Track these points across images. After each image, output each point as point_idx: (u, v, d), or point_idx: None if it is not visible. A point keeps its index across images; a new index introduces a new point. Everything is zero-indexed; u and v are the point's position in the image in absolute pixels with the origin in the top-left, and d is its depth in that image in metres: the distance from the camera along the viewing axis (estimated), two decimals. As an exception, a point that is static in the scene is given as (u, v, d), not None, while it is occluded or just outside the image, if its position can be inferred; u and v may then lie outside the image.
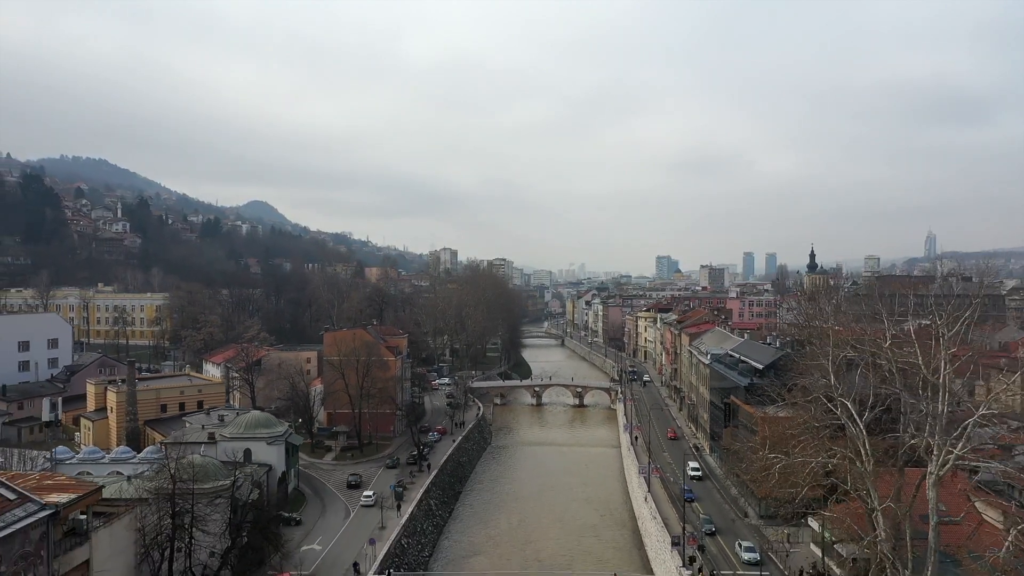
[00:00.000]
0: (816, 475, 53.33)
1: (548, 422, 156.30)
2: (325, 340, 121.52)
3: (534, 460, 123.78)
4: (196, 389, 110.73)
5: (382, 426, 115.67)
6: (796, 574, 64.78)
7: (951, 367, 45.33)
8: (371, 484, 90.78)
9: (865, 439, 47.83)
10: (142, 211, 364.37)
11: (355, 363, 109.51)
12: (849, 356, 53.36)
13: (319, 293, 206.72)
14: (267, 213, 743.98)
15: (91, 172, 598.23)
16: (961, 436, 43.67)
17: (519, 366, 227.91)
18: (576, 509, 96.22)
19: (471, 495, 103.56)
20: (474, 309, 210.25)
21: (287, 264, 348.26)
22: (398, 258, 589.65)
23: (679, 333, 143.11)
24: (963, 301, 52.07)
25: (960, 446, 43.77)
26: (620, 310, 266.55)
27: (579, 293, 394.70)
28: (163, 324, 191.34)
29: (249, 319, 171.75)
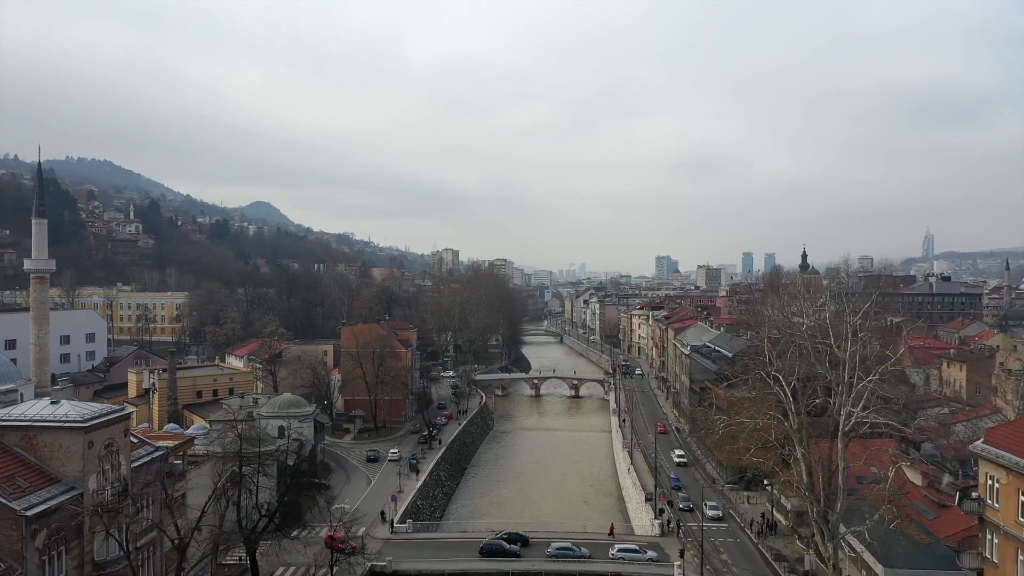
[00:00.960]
0: (760, 437, 66.21)
1: (546, 411, 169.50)
2: (343, 333, 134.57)
3: (533, 443, 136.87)
4: (227, 377, 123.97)
5: (395, 411, 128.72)
6: (749, 523, 77.86)
7: (855, 346, 58.13)
8: (388, 457, 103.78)
9: (791, 402, 60.89)
10: (153, 213, 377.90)
11: (371, 354, 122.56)
12: (775, 338, 66.26)
13: (331, 292, 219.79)
14: (271, 214, 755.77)
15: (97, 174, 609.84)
16: (859, 398, 56.68)
17: (519, 361, 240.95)
18: (570, 482, 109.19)
19: (475, 470, 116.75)
20: (476, 307, 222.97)
21: (294, 264, 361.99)
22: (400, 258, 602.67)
23: (666, 328, 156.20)
24: (866, 295, 65.06)
25: (860, 406, 56.82)
26: (616, 308, 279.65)
27: (577, 292, 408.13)
28: (183, 321, 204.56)
29: (266, 316, 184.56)
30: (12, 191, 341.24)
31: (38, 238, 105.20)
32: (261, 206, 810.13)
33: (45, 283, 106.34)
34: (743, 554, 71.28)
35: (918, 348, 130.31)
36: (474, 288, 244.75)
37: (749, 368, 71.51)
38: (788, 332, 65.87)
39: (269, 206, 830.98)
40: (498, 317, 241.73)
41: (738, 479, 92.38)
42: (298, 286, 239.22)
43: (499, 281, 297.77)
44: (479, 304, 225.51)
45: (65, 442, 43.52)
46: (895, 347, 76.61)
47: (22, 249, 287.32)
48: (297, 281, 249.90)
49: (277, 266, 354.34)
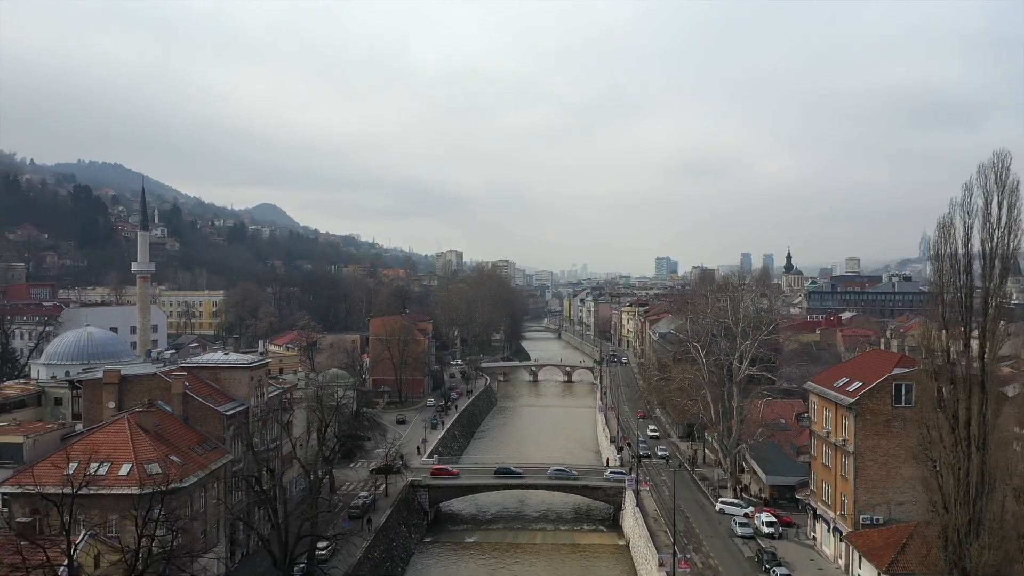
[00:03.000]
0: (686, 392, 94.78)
1: (542, 393, 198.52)
2: (372, 324, 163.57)
3: (530, 416, 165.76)
4: (278, 359, 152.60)
5: (415, 388, 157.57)
6: (687, 460, 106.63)
7: (745, 323, 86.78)
8: (413, 421, 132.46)
9: (703, 360, 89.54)
10: (175, 217, 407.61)
11: (396, 340, 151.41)
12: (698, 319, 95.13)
13: (351, 291, 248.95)
14: (277, 216, 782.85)
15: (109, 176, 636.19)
16: (745, 356, 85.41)
17: (519, 353, 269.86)
18: (559, 441, 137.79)
19: (482, 433, 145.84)
20: (481, 305, 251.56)
21: (308, 265, 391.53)
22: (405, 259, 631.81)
23: (644, 320, 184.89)
24: (746, 288, 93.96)
25: (745, 364, 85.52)
26: (609, 306, 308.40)
27: (575, 292, 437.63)
28: (221, 317, 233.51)
29: (297, 311, 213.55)
30: (47, 197, 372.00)
31: (142, 247, 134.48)
32: (267, 208, 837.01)
33: (147, 281, 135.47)
34: (678, 477, 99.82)
35: (853, 334, 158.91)
36: (478, 287, 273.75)
37: (685, 343, 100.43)
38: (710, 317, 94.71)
39: (275, 208, 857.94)
40: (501, 314, 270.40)
41: (686, 433, 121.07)
42: (320, 285, 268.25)
43: (501, 281, 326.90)
44: (483, 302, 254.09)
45: (238, 376, 72.45)
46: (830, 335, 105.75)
47: (60, 251, 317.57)
48: (319, 281, 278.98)
49: (293, 267, 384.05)
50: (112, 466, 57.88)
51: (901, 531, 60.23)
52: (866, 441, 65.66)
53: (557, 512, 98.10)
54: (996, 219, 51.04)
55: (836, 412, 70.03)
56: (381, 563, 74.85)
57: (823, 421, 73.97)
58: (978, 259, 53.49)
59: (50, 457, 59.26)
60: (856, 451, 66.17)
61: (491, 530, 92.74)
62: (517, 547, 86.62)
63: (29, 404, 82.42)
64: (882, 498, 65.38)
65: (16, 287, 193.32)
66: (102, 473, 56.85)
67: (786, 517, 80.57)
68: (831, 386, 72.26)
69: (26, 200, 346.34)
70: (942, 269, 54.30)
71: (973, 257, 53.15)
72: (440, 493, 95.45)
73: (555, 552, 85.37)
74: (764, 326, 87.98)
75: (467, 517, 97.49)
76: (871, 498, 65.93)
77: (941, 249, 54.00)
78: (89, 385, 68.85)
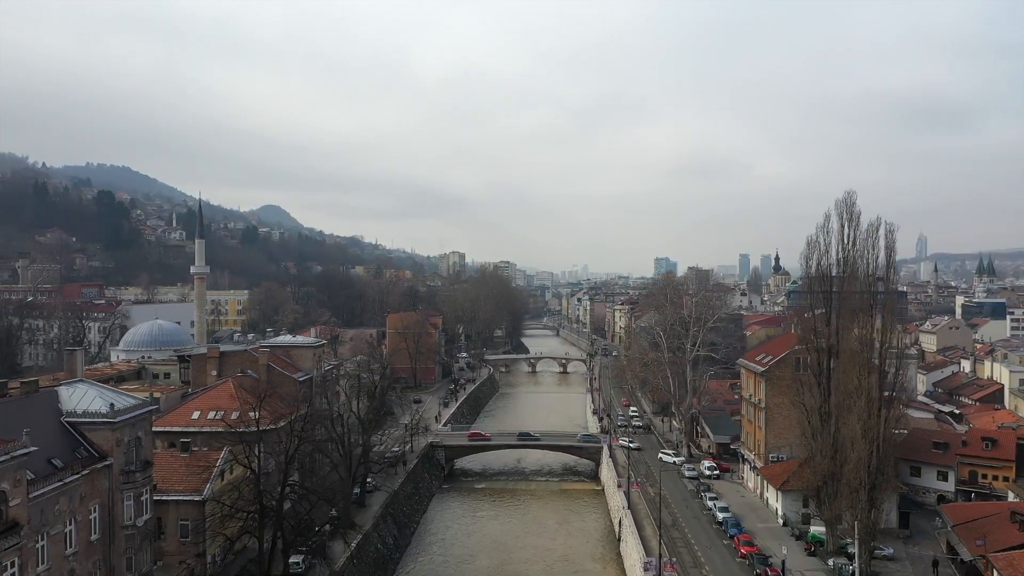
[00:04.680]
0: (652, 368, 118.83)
1: (540, 382, 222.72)
2: (390, 319, 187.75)
3: (528, 400, 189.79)
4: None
5: (428, 375, 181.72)
6: (657, 429, 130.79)
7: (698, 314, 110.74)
8: (427, 401, 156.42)
9: (664, 344, 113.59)
10: (192, 220, 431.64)
11: (412, 333, 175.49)
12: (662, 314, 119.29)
13: (365, 290, 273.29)
14: (282, 217, 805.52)
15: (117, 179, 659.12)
16: (696, 339, 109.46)
17: (519, 349, 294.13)
18: (553, 419, 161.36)
19: (486, 413, 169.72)
20: (484, 304, 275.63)
21: (318, 266, 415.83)
22: (407, 260, 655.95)
23: (631, 316, 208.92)
24: (693, 292, 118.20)
25: (698, 343, 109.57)
26: (604, 305, 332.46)
27: (573, 292, 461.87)
28: (247, 314, 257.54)
29: (318, 308, 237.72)
30: (72, 202, 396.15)
31: (199, 252, 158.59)
32: (272, 209, 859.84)
33: (203, 282, 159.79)
34: (648, 440, 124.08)
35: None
36: (482, 287, 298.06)
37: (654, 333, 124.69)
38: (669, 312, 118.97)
39: (279, 209, 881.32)
40: (502, 312, 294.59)
41: (660, 410, 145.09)
42: (336, 285, 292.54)
43: (503, 282, 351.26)
44: (486, 301, 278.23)
45: (304, 353, 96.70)
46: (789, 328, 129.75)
47: (88, 253, 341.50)
48: (334, 281, 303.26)
49: (304, 268, 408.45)
50: (225, 413, 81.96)
51: (793, 463, 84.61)
52: (774, 399, 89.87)
53: (550, 468, 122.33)
54: (847, 238, 75.40)
55: (755, 379, 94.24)
56: (411, 496, 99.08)
57: (747, 387, 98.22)
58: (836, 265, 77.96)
59: (176, 409, 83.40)
60: (766, 407, 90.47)
61: (496, 480, 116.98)
62: (516, 492, 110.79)
63: (128, 378, 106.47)
64: (784, 441, 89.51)
65: (70, 287, 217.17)
66: (219, 418, 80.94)
67: (725, 464, 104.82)
68: (753, 360, 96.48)
69: (53, 205, 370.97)
70: (810, 271, 78.82)
71: (832, 263, 77.61)
72: (454, 451, 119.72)
73: (546, 495, 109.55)
74: (708, 318, 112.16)
75: (476, 471, 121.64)
76: (777, 441, 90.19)
77: (810, 258, 78.59)
78: (197, 359, 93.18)
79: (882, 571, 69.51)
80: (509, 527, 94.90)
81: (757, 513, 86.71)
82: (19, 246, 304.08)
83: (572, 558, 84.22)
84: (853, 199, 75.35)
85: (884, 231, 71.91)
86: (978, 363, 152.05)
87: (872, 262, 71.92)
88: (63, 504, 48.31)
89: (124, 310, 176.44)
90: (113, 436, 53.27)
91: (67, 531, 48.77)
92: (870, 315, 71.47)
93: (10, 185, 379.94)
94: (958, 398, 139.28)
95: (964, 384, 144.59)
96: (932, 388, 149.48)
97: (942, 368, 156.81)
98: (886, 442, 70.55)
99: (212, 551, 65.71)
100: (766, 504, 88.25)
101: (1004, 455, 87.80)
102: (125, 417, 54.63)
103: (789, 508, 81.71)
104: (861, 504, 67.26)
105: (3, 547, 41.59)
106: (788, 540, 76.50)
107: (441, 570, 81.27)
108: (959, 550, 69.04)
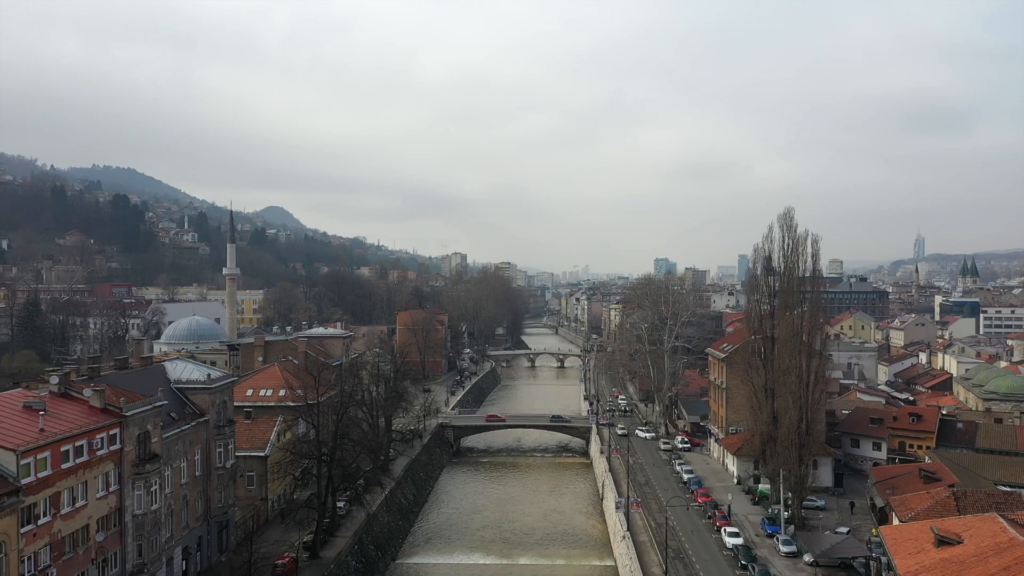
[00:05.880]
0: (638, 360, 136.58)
1: (538, 375, 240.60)
2: (400, 316, 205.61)
3: (528, 391, 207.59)
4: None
5: (435, 367, 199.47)
6: (647, 413, 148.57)
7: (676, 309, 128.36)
8: (436, 390, 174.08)
9: (645, 337, 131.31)
10: (202, 223, 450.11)
11: (420, 329, 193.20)
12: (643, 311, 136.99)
13: (375, 290, 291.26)
14: (286, 218, 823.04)
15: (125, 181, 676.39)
16: (672, 331, 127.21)
17: (519, 345, 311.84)
18: (551, 406, 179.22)
19: (490, 401, 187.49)
20: (486, 303, 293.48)
21: (324, 267, 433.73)
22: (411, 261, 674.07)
23: (623, 314, 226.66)
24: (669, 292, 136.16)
25: (674, 336, 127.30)
26: (600, 304, 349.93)
27: (571, 292, 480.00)
28: (262, 313, 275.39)
29: (332, 307, 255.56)
30: (87, 205, 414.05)
31: (231, 256, 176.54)
32: (276, 210, 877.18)
33: (234, 283, 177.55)
34: (632, 422, 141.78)
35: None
36: (484, 288, 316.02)
37: (638, 328, 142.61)
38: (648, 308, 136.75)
39: (283, 210, 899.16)
40: (503, 311, 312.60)
41: (646, 398, 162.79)
42: (345, 285, 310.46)
43: (504, 282, 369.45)
44: (488, 301, 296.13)
45: (335, 343, 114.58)
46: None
47: (107, 255, 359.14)
48: (344, 282, 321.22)
49: (312, 269, 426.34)
50: (273, 391, 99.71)
51: (748, 434, 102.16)
52: (732, 381, 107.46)
53: (545, 445, 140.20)
54: (786, 246, 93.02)
55: (718, 365, 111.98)
56: (426, 465, 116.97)
57: (713, 372, 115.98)
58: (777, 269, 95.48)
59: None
60: (727, 388, 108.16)
61: (498, 456, 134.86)
62: (517, 465, 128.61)
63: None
64: (741, 416, 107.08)
65: (102, 286, 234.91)
66: (269, 395, 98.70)
67: (696, 440, 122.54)
68: (718, 349, 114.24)
69: (71, 208, 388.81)
70: (756, 272, 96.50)
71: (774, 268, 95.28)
72: (461, 431, 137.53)
73: (543, 467, 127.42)
74: (682, 315, 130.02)
75: (481, 448, 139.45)
76: (735, 417, 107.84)
77: (756, 261, 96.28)
78: (245, 347, 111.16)
79: (811, 517, 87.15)
80: (510, 490, 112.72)
81: (717, 476, 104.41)
82: (41, 248, 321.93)
83: (563, 511, 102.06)
84: (792, 214, 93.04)
85: (811, 241, 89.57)
86: (933, 356, 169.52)
87: (802, 266, 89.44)
88: (179, 446, 66.10)
89: (158, 307, 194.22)
90: (210, 398, 71.05)
91: (182, 466, 66.55)
92: (800, 309, 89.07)
93: (29, 189, 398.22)
94: (914, 386, 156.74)
95: (920, 374, 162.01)
96: (893, 378, 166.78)
97: (902, 360, 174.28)
98: (812, 411, 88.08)
99: (273, 494, 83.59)
100: (725, 468, 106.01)
101: (927, 428, 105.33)
102: (217, 384, 72.43)
103: (742, 469, 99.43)
104: (792, 461, 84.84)
105: (150, 470, 59.44)
106: (739, 494, 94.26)
107: (455, 518, 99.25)
108: (876, 500, 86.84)
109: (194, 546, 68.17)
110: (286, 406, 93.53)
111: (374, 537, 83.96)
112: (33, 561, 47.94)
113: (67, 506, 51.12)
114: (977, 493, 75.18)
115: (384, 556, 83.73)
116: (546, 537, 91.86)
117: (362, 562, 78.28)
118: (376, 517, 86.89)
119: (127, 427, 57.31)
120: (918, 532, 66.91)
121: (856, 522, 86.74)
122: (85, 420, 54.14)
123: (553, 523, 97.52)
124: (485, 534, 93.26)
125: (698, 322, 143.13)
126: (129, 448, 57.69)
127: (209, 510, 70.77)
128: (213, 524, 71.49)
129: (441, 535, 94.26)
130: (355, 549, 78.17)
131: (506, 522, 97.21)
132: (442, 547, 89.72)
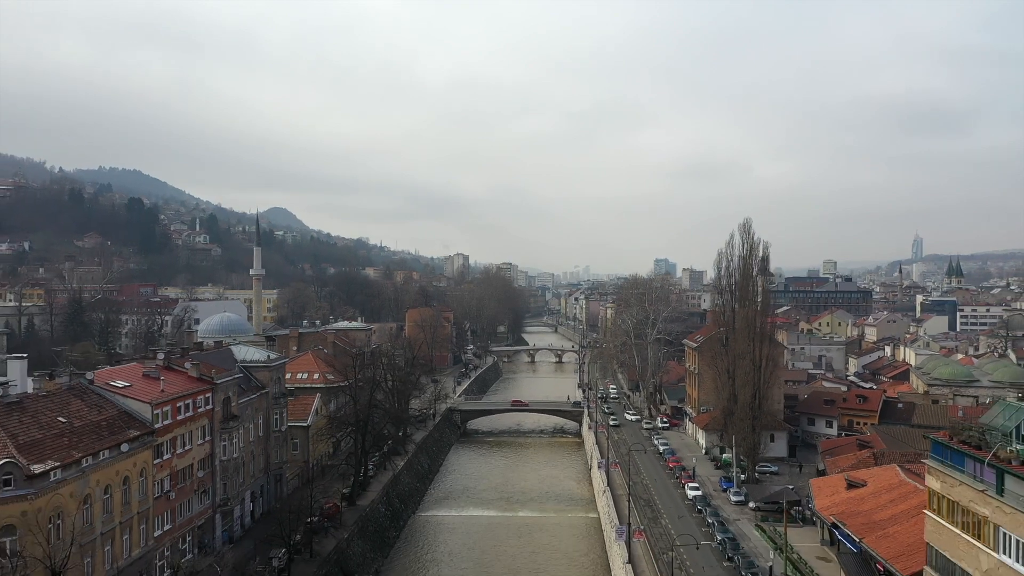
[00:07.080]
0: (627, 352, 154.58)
1: (538, 369, 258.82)
2: (409, 314, 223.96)
3: (527, 383, 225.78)
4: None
5: (442, 361, 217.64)
6: (637, 401, 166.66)
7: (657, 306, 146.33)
8: (443, 381, 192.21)
9: (632, 331, 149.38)
10: (213, 224, 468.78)
11: (428, 325, 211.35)
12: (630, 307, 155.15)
13: (382, 290, 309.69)
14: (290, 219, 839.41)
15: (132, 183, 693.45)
16: (655, 325, 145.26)
17: (520, 343, 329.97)
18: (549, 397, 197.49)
19: (492, 390, 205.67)
20: (488, 302, 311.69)
21: (331, 268, 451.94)
22: (414, 261, 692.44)
23: (616, 309, 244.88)
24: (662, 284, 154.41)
25: (656, 329, 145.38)
26: (597, 303, 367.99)
27: (571, 291, 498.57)
28: (276, 311, 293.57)
29: (343, 305, 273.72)
30: (103, 208, 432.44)
31: (257, 257, 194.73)
32: (279, 211, 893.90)
33: (260, 282, 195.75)
34: (620, 406, 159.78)
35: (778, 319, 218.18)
36: (486, 288, 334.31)
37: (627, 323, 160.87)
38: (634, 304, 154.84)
39: (286, 211, 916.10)
40: (505, 310, 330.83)
41: (634, 388, 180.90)
42: (354, 285, 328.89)
43: (505, 283, 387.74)
44: (490, 300, 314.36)
45: (359, 335, 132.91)
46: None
47: (124, 256, 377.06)
48: (352, 282, 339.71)
49: (319, 269, 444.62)
50: (308, 375, 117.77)
51: (715, 412, 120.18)
52: (703, 367, 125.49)
53: (543, 428, 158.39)
54: (745, 251, 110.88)
55: (692, 354, 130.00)
56: (438, 441, 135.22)
57: (688, 360, 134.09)
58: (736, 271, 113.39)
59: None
60: (699, 372, 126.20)
61: (501, 436, 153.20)
62: (517, 444, 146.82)
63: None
64: (711, 397, 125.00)
65: (129, 286, 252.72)
66: (305, 377, 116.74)
67: (676, 421, 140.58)
68: (693, 340, 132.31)
69: (88, 211, 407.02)
70: (720, 273, 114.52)
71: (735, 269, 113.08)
72: (467, 415, 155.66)
73: (541, 446, 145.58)
74: (663, 311, 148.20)
75: (485, 431, 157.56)
76: (706, 398, 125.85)
77: (720, 264, 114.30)
78: (281, 338, 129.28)
79: (764, 479, 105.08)
80: (511, 463, 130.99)
81: (689, 448, 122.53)
82: (62, 250, 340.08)
83: (557, 478, 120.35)
84: (750, 224, 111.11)
85: (763, 246, 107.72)
86: (896, 349, 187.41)
87: (755, 267, 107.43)
88: (249, 411, 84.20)
89: (188, 305, 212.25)
90: (269, 374, 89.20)
91: (251, 427, 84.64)
92: (754, 304, 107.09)
93: (47, 192, 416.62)
94: (879, 376, 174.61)
95: (884, 366, 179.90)
96: (861, 369, 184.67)
97: (870, 353, 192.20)
98: (764, 389, 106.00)
99: (312, 458, 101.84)
100: (697, 442, 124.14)
101: (871, 407, 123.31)
102: (275, 363, 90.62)
103: (709, 441, 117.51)
104: (747, 430, 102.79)
105: (232, 427, 77.59)
106: (706, 462, 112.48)
107: (464, 483, 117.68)
108: (819, 465, 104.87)
109: (259, 492, 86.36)
110: (319, 388, 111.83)
111: (399, 492, 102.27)
112: (160, 485, 65.99)
113: (180, 448, 69.20)
114: (892, 453, 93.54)
115: (407, 508, 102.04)
116: (541, 496, 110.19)
117: (390, 510, 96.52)
118: (399, 478, 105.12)
119: (216, 392, 75.41)
120: (836, 480, 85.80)
121: (801, 483, 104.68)
122: (188, 385, 72.28)
123: (548, 487, 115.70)
124: (490, 495, 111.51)
125: (683, 318, 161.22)
126: (217, 408, 75.79)
127: (268, 465, 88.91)
128: (271, 476, 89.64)
129: (453, 495, 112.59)
130: (384, 500, 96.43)
131: (508, 486, 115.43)
132: (454, 504, 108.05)
